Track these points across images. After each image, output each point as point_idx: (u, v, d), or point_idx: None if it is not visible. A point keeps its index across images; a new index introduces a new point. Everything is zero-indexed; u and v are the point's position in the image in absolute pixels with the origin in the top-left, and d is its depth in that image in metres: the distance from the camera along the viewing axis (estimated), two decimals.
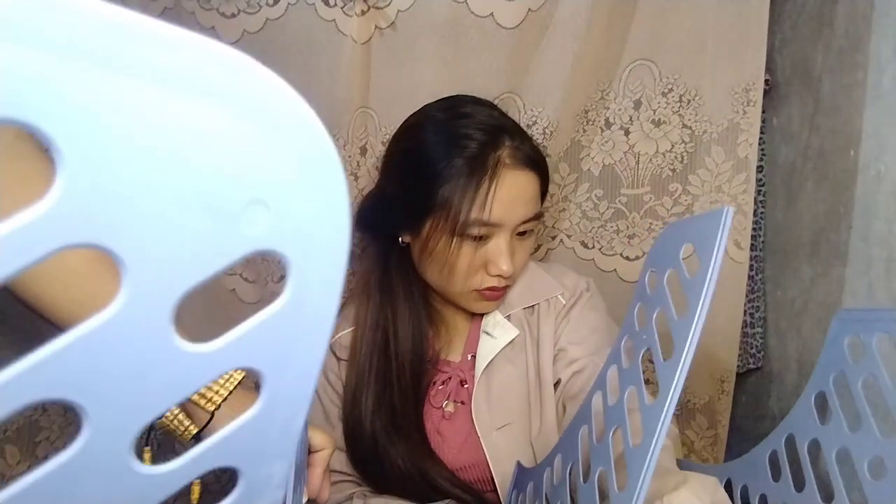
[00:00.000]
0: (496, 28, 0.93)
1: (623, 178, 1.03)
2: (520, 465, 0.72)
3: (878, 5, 0.77)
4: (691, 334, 0.33)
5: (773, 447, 0.68)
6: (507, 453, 0.78)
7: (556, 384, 0.81)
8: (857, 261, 0.81)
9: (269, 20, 0.94)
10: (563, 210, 1.06)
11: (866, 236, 0.79)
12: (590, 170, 1.04)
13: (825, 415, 0.61)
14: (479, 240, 0.75)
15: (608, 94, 1.01)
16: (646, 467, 0.37)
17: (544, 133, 0.98)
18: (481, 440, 0.79)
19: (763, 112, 0.98)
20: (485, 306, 0.82)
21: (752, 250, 1.00)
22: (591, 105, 1.01)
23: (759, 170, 1.00)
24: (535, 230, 0.81)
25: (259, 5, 0.93)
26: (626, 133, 1.01)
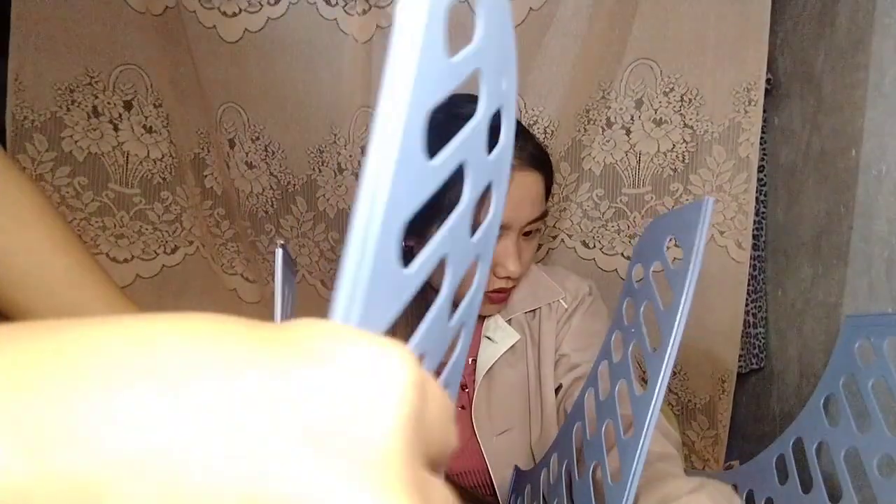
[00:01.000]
0: None
1: (624, 177, 1.03)
2: (517, 469, 0.72)
3: (880, 5, 0.77)
4: (676, 324, 0.33)
5: (781, 451, 0.68)
6: (507, 459, 0.78)
7: (557, 389, 0.80)
8: (858, 261, 0.80)
9: (271, 19, 0.94)
10: (564, 209, 1.06)
11: (867, 236, 0.79)
12: (591, 169, 1.04)
13: (834, 418, 0.61)
14: None
15: (609, 94, 1.01)
16: (637, 456, 0.37)
17: (545, 132, 0.98)
18: (481, 445, 0.79)
19: (764, 112, 0.97)
20: (490, 308, 0.82)
21: (753, 250, 1.00)
22: (593, 104, 1.01)
23: (761, 169, 1.00)
24: (541, 230, 0.81)
25: (260, 4, 0.93)
26: (628, 132, 1.01)
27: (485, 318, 0.85)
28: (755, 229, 1.00)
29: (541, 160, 0.77)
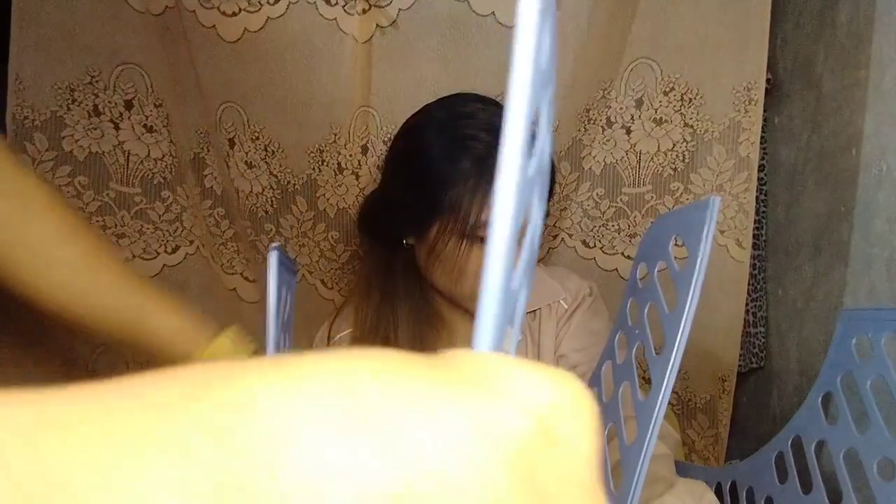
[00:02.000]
0: (497, 26, 0.93)
1: (624, 176, 1.03)
2: None
3: (880, 5, 0.77)
4: (682, 327, 0.33)
5: (779, 449, 0.67)
6: None
7: None
8: (859, 260, 0.80)
9: (271, 19, 0.94)
10: (565, 209, 1.06)
11: (867, 236, 0.79)
12: (591, 168, 1.04)
13: (832, 416, 0.61)
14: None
15: (610, 93, 1.01)
16: (640, 464, 0.37)
17: None
18: None
19: (764, 111, 0.97)
20: None
21: (754, 249, 1.00)
22: (593, 104, 1.01)
23: (761, 169, 1.00)
24: (543, 230, 0.81)
25: (260, 4, 0.93)
26: (628, 132, 1.01)
27: None
28: (755, 228, 1.00)
29: None
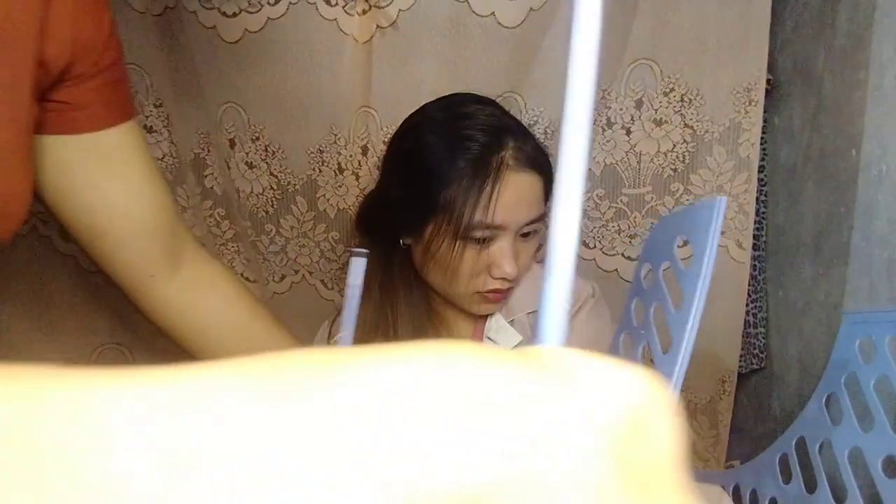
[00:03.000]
0: (497, 27, 0.93)
1: (624, 177, 1.03)
2: None
3: (880, 5, 0.77)
4: (689, 326, 0.33)
5: (783, 450, 0.67)
6: None
7: None
8: (859, 261, 0.80)
9: (271, 19, 0.94)
10: None
11: (868, 236, 0.79)
12: (591, 169, 1.04)
13: (836, 417, 0.61)
14: (482, 242, 0.75)
15: (609, 94, 1.01)
16: None
17: (545, 133, 0.98)
18: None
19: (764, 112, 0.97)
20: (488, 308, 0.82)
21: (754, 250, 1.00)
22: (593, 105, 1.01)
23: (761, 169, 1.00)
24: (540, 231, 0.81)
25: (260, 4, 0.93)
26: (628, 133, 1.01)
27: (486, 318, 0.85)
28: (755, 229, 1.00)
29: (539, 162, 0.77)
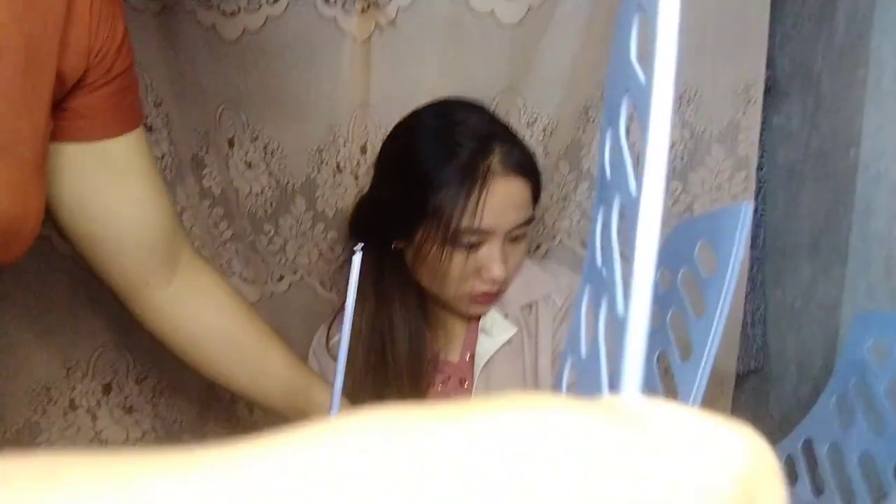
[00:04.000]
0: (496, 26, 0.93)
1: None
2: None
3: (879, 4, 0.77)
4: (713, 333, 0.32)
5: (789, 451, 0.67)
6: None
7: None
8: (857, 260, 0.80)
9: (270, 18, 0.94)
10: (563, 209, 1.06)
11: (866, 236, 0.79)
12: (590, 168, 1.04)
13: (845, 418, 0.61)
14: (471, 247, 0.76)
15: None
16: None
17: (545, 131, 0.98)
18: None
19: (763, 111, 0.97)
20: (479, 309, 0.83)
21: (752, 250, 1.00)
22: (592, 103, 1.01)
23: (760, 168, 1.00)
24: (528, 234, 0.82)
25: (259, 3, 0.93)
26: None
27: (479, 317, 0.85)
28: (754, 229, 1.00)
29: (526, 166, 0.79)
